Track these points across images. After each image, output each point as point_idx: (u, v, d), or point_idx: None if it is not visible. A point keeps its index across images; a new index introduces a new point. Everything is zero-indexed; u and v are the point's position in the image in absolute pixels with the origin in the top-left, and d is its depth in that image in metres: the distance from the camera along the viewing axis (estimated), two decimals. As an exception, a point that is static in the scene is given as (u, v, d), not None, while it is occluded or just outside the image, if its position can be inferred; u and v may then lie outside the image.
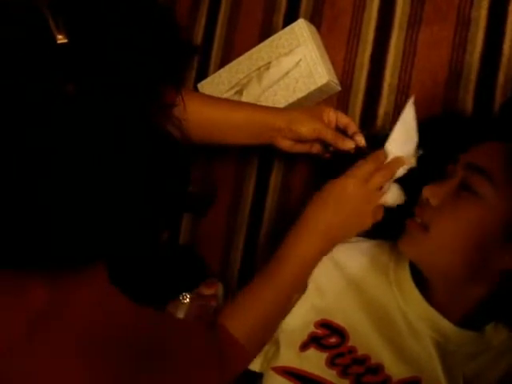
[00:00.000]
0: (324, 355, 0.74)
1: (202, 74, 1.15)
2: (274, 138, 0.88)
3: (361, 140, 0.85)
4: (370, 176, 0.77)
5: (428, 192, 0.72)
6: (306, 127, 0.86)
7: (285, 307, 0.78)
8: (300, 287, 0.79)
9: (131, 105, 0.48)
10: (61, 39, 0.44)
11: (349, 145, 0.84)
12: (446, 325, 0.72)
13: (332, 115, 0.88)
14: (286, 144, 0.89)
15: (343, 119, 0.88)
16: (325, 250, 0.78)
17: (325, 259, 0.80)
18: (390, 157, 0.79)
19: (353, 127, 0.87)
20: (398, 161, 0.78)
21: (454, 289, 0.73)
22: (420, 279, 0.75)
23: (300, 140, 0.88)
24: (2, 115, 0.43)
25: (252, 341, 0.74)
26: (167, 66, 0.56)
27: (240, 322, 0.74)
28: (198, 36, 1.17)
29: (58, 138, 0.44)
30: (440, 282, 0.74)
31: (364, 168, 0.77)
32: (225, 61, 1.12)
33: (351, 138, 0.86)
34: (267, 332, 0.77)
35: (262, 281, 0.77)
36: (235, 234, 1.10)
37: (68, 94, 0.44)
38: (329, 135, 0.85)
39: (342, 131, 0.88)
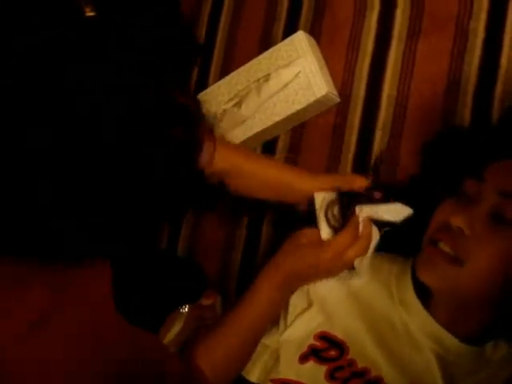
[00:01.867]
0: (323, 368, 0.74)
1: (202, 85, 1.15)
2: (299, 201, 0.84)
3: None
4: (344, 249, 0.73)
5: (461, 221, 0.67)
6: None
7: (250, 346, 0.77)
8: (264, 328, 0.77)
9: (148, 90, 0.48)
10: (88, 12, 0.45)
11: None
12: (448, 338, 0.72)
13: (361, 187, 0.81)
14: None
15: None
16: (285, 299, 0.79)
17: None
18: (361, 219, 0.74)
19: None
20: (369, 235, 0.75)
21: (464, 311, 0.72)
22: (423, 292, 0.74)
23: None
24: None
25: (218, 376, 0.75)
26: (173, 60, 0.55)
27: (208, 358, 0.74)
28: (198, 47, 1.18)
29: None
30: (452, 304, 0.72)
31: (340, 242, 0.73)
32: (224, 72, 1.12)
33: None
34: (233, 369, 0.77)
35: (228, 322, 0.76)
36: (234, 245, 1.09)
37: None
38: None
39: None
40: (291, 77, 1.00)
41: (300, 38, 1.01)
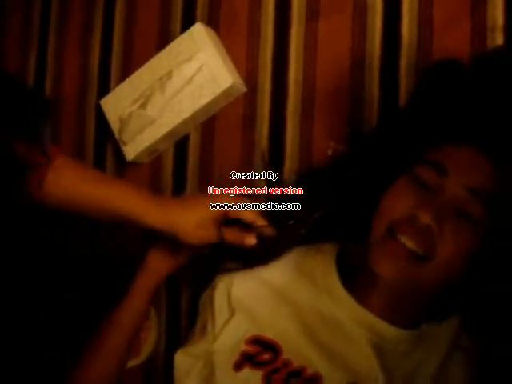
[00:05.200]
0: (259, 373, 0.71)
1: (104, 91, 1.10)
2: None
3: (268, 230, 0.76)
4: None
5: (430, 218, 0.64)
6: (192, 236, 0.75)
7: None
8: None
9: None
10: None
11: (251, 241, 0.75)
12: (384, 328, 0.70)
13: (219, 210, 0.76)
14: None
15: (247, 215, 0.75)
16: None
17: (248, 277, 0.78)
18: None
19: (259, 222, 0.75)
20: None
21: (408, 301, 0.71)
22: (351, 282, 0.73)
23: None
24: None
25: None
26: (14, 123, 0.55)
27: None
28: (95, 52, 1.12)
29: None
30: (395, 296, 0.71)
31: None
32: (125, 74, 1.07)
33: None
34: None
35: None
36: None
37: None
38: (229, 236, 0.75)
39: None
40: (194, 71, 0.97)
41: (198, 30, 0.98)
